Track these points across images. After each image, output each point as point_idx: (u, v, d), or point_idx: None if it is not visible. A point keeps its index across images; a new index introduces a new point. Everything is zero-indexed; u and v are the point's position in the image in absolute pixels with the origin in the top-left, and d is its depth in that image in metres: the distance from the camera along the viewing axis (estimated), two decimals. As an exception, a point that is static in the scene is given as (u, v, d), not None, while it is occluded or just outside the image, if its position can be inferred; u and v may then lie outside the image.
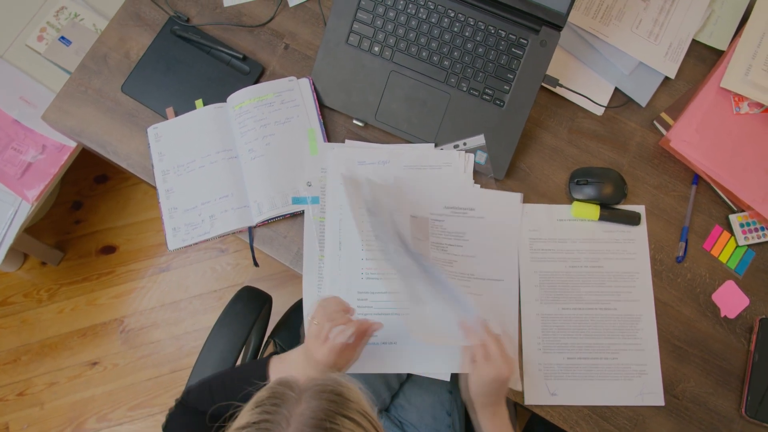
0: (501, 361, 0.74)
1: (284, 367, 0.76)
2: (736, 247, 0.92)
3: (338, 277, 0.87)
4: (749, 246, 0.92)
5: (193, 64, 0.95)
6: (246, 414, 0.55)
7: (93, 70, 0.95)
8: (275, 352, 1.05)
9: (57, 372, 1.60)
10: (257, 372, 0.76)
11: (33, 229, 1.65)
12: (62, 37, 1.10)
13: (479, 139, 0.92)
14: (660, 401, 0.85)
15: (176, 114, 0.93)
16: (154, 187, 0.92)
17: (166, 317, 1.67)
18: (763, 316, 0.88)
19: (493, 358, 0.74)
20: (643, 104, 0.97)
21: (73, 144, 1.11)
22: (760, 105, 0.94)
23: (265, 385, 0.72)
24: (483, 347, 0.75)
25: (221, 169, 0.91)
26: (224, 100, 0.93)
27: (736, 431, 0.84)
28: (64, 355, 1.61)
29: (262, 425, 0.53)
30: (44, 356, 1.61)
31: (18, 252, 1.59)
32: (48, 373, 1.60)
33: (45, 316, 1.63)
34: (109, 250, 1.68)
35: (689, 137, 0.93)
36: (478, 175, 0.92)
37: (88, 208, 1.70)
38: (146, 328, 1.66)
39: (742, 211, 0.93)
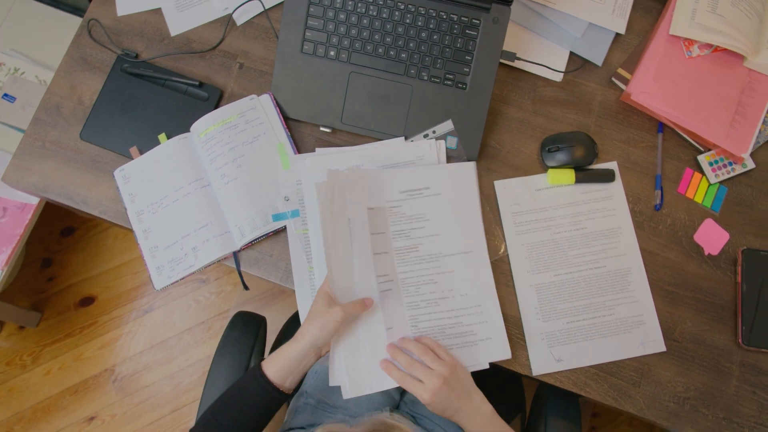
0: (427, 376, 0.80)
1: (280, 360, 0.81)
2: (709, 185, 1.01)
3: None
4: (721, 182, 1.01)
5: (149, 99, 0.99)
6: None
7: (48, 123, 0.99)
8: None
9: (55, 435, 1.64)
10: (254, 380, 0.81)
11: (5, 294, 1.67)
12: (5, 95, 1.13)
13: (448, 125, 0.98)
14: (661, 347, 0.93)
15: (141, 152, 0.97)
16: (130, 230, 0.96)
17: (158, 358, 1.71)
18: (745, 247, 0.97)
19: (421, 380, 0.80)
20: (599, 63, 1.05)
21: (34, 201, 1.14)
22: (710, 45, 1.03)
23: (268, 386, 0.79)
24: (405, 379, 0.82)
25: (196, 200, 0.95)
26: (188, 130, 0.97)
27: (736, 362, 0.93)
28: (59, 416, 1.64)
29: None
30: (38, 422, 1.63)
31: (-8, 320, 1.61)
32: (46, 438, 1.63)
33: (32, 381, 1.66)
34: (88, 301, 1.71)
35: (648, 88, 1.01)
36: (452, 159, 0.99)
37: (59, 263, 1.72)
38: (139, 372, 1.69)
39: (709, 150, 1.02)
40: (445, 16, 0.97)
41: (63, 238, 1.73)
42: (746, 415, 0.91)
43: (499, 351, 0.90)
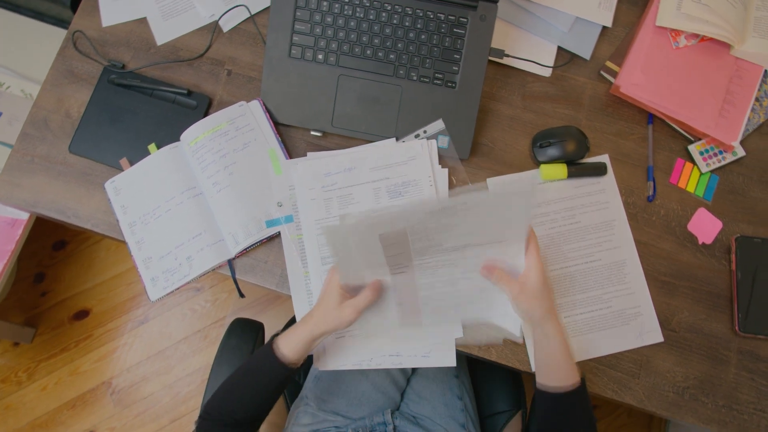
0: (533, 259, 0.81)
1: (293, 341, 0.83)
2: (701, 175, 1.03)
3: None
4: (712, 171, 1.03)
5: (138, 109, 1.00)
6: None
7: (36, 137, 0.99)
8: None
9: (55, 451, 1.64)
10: (267, 358, 0.83)
11: (-2, 311, 1.67)
12: (-9, 110, 1.13)
13: (438, 124, 0.99)
14: (659, 338, 0.95)
15: (131, 163, 0.98)
16: (123, 242, 0.96)
17: (155, 368, 1.71)
18: (738, 235, 0.98)
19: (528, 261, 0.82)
20: (588, 57, 1.07)
21: (24, 216, 1.13)
22: (696, 35, 1.04)
23: (282, 366, 0.81)
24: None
25: (189, 209, 0.95)
26: (178, 140, 0.98)
27: (734, 349, 0.95)
28: (58, 432, 1.64)
29: None
30: (37, 438, 1.64)
31: (-15, 338, 1.61)
32: (45, 455, 1.63)
33: (29, 397, 1.66)
34: (83, 314, 1.71)
35: (636, 80, 1.03)
36: (444, 159, 1.00)
37: (52, 278, 1.72)
38: (136, 384, 1.70)
39: (699, 139, 1.04)
40: (432, 16, 0.98)
41: (55, 252, 1.73)
42: (745, 402, 0.92)
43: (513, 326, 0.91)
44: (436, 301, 0.88)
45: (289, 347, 0.82)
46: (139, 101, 1.00)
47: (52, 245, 1.73)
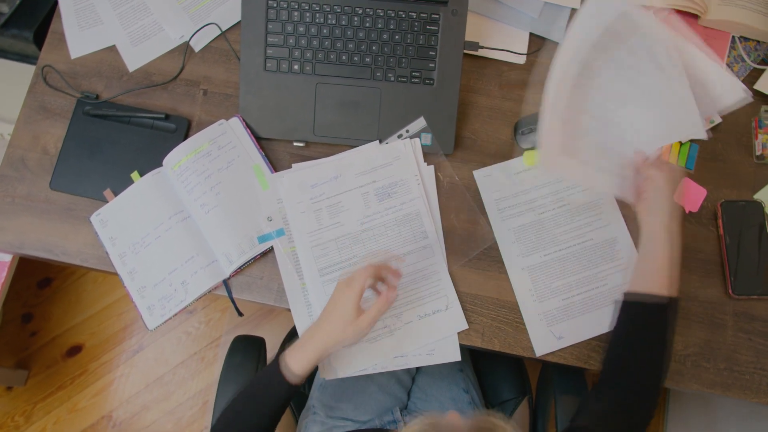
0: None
1: (303, 357, 0.83)
2: (681, 144, 1.07)
3: (326, 301, 0.96)
4: (691, 141, 1.07)
5: (116, 139, 1.01)
6: None
7: (14, 177, 1.00)
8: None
9: (60, 492, 1.64)
10: (274, 377, 0.83)
11: (-14, 356, 1.67)
12: (-37, 153, 1.12)
13: (420, 122, 1.02)
14: (657, 309, 0.99)
15: (115, 194, 0.99)
16: (114, 273, 0.97)
17: (155, 396, 1.72)
18: (723, 200, 1.03)
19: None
20: (560, 40, 1.10)
21: (7, 258, 1.14)
22: (665, 9, 1.08)
23: (289, 386, 0.82)
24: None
25: (178, 233, 0.97)
26: (160, 165, 0.99)
27: (729, 312, 1.00)
28: (62, 472, 1.64)
29: None
30: (42, 481, 1.63)
31: (-23, 385, 1.60)
32: (51, 497, 1.63)
33: (28, 440, 1.66)
34: (76, 350, 1.71)
35: (609, 57, 1.07)
36: (429, 156, 1.03)
37: (40, 317, 1.72)
38: (138, 414, 1.70)
39: (676, 111, 1.08)
40: (404, 15, 1.01)
41: (40, 290, 1.73)
42: (745, 362, 0.97)
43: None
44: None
45: (299, 364, 0.83)
46: (116, 130, 1.01)
47: (36, 284, 1.73)
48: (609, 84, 0.90)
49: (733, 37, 1.09)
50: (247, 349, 1.09)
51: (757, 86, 1.07)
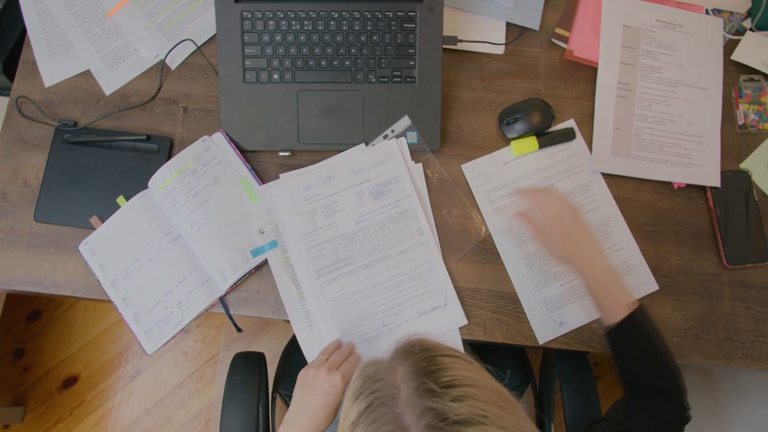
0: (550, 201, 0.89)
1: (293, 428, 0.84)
2: (663, 122, 1.10)
3: (324, 303, 0.97)
4: (673, 117, 1.10)
5: (99, 164, 1.01)
6: (352, 407, 0.60)
7: (-4, 213, 0.99)
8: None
9: None
10: None
11: (-21, 397, 1.65)
12: (-61, 191, 1.11)
13: (405, 121, 1.04)
14: (654, 286, 1.02)
15: (102, 221, 0.99)
16: (108, 301, 0.97)
17: (156, 419, 1.71)
18: (709, 173, 1.06)
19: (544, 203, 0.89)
20: (537, 28, 1.12)
21: (-6, 295, 1.14)
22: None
23: None
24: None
25: (170, 254, 0.97)
26: (146, 187, 0.99)
27: (725, 282, 1.03)
28: (68, 507, 1.64)
29: (376, 403, 0.58)
30: None
31: (-29, 427, 1.59)
32: None
33: (30, 478, 1.65)
34: (71, 381, 1.70)
35: (588, 41, 1.09)
36: (416, 154, 1.04)
37: (32, 351, 1.71)
38: (140, 440, 1.70)
39: (655, 88, 1.11)
40: (381, 15, 1.02)
41: (30, 324, 1.71)
42: (745, 331, 1.00)
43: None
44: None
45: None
46: (98, 156, 1.01)
47: (26, 317, 1.71)
48: None
49: (707, 9, 1.12)
50: (247, 366, 1.09)
51: (734, 56, 1.10)
